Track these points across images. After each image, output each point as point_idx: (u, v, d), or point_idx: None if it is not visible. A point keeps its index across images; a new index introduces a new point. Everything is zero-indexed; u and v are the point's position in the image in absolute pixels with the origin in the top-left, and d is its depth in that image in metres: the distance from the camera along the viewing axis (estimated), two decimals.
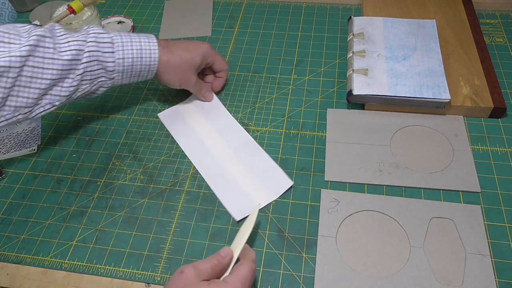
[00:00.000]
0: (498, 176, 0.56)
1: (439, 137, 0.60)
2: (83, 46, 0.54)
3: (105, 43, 0.55)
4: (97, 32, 0.55)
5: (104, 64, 0.55)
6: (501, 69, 0.68)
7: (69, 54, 0.53)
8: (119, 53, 0.56)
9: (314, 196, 0.56)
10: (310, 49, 0.75)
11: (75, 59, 0.53)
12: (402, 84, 0.62)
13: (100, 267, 0.51)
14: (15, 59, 0.49)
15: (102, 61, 0.55)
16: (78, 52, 0.53)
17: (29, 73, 0.50)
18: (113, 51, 0.55)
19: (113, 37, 0.56)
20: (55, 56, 0.52)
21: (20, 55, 0.49)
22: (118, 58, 0.56)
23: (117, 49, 0.56)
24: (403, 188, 0.55)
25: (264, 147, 0.61)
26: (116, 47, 0.56)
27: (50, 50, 0.52)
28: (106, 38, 0.55)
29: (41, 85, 0.52)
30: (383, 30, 0.70)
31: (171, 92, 0.70)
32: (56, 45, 0.53)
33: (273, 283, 0.49)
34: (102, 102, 0.70)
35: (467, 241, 0.50)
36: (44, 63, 0.51)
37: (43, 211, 0.57)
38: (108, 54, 0.55)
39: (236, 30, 0.80)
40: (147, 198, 0.57)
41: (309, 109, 0.66)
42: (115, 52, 0.56)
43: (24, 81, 0.51)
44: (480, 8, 0.78)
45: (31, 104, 0.52)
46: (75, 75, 0.54)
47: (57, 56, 0.52)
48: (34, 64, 0.51)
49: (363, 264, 0.49)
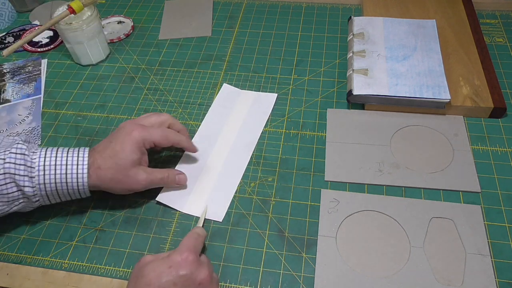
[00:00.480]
0: (498, 176, 0.56)
1: (439, 137, 0.60)
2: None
3: (25, 166, 0.49)
4: (19, 151, 0.49)
5: (23, 188, 0.49)
6: (501, 69, 0.68)
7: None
8: (40, 178, 0.49)
9: (314, 196, 0.56)
10: (310, 49, 0.75)
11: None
12: (402, 84, 0.62)
13: (100, 267, 0.51)
14: None
15: (21, 186, 0.49)
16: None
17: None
18: (32, 175, 0.49)
19: (35, 159, 0.50)
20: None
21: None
22: (38, 183, 0.49)
23: (37, 174, 0.49)
24: (403, 188, 0.55)
25: (264, 147, 0.61)
26: (37, 171, 0.49)
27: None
28: (28, 161, 0.49)
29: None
30: (383, 30, 0.70)
31: (171, 92, 0.70)
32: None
33: (273, 283, 0.49)
34: (102, 102, 0.70)
35: (467, 241, 0.50)
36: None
37: (43, 211, 0.57)
38: (27, 178, 0.49)
39: (236, 30, 0.80)
40: (147, 198, 0.57)
41: (309, 109, 0.66)
42: (35, 177, 0.49)
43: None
44: (480, 8, 0.78)
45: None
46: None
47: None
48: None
49: (363, 264, 0.49)
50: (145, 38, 0.80)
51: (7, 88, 0.73)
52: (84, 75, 0.75)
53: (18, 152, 0.49)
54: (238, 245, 0.52)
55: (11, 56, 0.79)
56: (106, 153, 0.51)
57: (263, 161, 0.60)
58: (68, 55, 0.77)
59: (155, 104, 0.69)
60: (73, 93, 0.72)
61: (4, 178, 0.48)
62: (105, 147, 0.52)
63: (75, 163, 0.50)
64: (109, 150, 0.51)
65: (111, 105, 0.69)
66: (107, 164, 0.51)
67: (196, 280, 0.43)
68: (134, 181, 0.52)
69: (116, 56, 0.78)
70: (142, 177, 0.52)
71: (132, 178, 0.52)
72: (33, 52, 0.80)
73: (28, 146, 0.51)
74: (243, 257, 0.51)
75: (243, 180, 0.58)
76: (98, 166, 0.51)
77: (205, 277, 0.43)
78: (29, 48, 0.80)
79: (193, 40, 0.79)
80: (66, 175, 0.50)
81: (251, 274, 0.50)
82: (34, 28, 0.84)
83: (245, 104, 0.67)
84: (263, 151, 0.61)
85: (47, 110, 0.69)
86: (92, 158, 0.51)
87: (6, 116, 0.69)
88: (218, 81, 0.71)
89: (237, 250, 0.52)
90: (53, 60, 0.78)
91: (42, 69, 0.76)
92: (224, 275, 0.50)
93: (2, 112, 0.70)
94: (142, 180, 0.52)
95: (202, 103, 0.68)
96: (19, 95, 0.72)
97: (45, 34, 0.83)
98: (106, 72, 0.75)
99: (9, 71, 0.76)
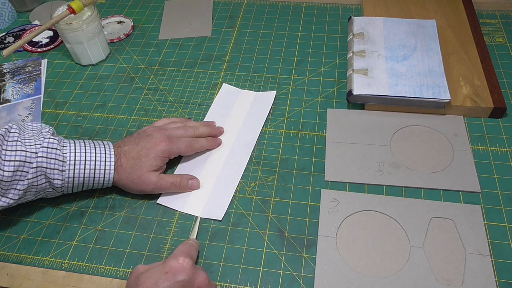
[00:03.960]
0: (498, 176, 0.56)
1: (439, 137, 0.60)
2: (31, 158, 0.50)
3: (57, 160, 0.51)
4: (51, 146, 0.51)
5: (52, 181, 0.51)
6: (501, 69, 0.68)
7: (12, 165, 0.49)
8: (70, 172, 0.52)
9: (314, 196, 0.56)
10: (310, 49, 0.75)
11: (19, 170, 0.49)
12: (402, 84, 0.62)
13: (100, 267, 0.51)
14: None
15: (51, 178, 0.51)
16: (24, 164, 0.49)
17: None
18: (63, 169, 0.51)
19: (66, 154, 0.52)
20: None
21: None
22: (68, 176, 0.52)
23: (68, 168, 0.52)
24: (403, 188, 0.55)
25: (264, 147, 0.61)
26: (68, 165, 0.52)
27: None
28: (59, 156, 0.51)
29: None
30: (383, 30, 0.70)
31: (171, 92, 0.70)
32: (2, 154, 0.49)
33: (273, 283, 0.49)
34: (102, 102, 0.70)
35: (467, 241, 0.50)
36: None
37: (43, 211, 0.57)
38: (57, 172, 0.51)
39: (236, 30, 0.80)
40: (147, 198, 0.57)
41: (309, 109, 0.66)
42: (65, 171, 0.52)
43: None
44: (480, 8, 0.78)
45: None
46: (17, 189, 0.50)
47: None
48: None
49: (363, 264, 0.49)
50: (145, 38, 0.80)
51: (7, 88, 0.73)
52: (84, 75, 0.75)
53: (50, 147, 0.51)
54: (238, 245, 0.52)
55: (11, 56, 0.79)
56: (130, 154, 0.54)
57: (263, 161, 0.60)
58: (68, 55, 0.77)
59: (155, 104, 0.69)
60: (73, 93, 0.72)
61: (36, 171, 0.50)
62: (131, 149, 0.55)
63: (103, 159, 0.53)
64: (134, 152, 0.54)
65: (111, 105, 0.69)
66: (129, 164, 0.54)
67: (194, 285, 0.43)
68: (145, 183, 0.54)
69: (116, 56, 0.78)
70: (152, 180, 0.54)
71: (143, 180, 0.54)
72: (33, 52, 0.80)
73: (58, 139, 0.53)
74: (243, 257, 0.51)
75: (243, 180, 0.58)
76: (121, 164, 0.54)
77: (203, 281, 0.43)
78: (29, 48, 0.80)
79: (193, 40, 0.79)
80: (94, 171, 0.53)
81: (251, 274, 0.50)
82: (34, 28, 0.84)
83: (245, 103, 0.67)
84: (263, 151, 0.61)
85: (47, 110, 0.69)
86: (117, 155, 0.54)
87: (6, 116, 0.69)
88: (218, 81, 0.71)
89: (237, 250, 0.52)
90: (53, 60, 0.78)
91: (42, 69, 0.76)
92: (224, 275, 0.50)
93: (2, 112, 0.70)
94: (151, 183, 0.54)
95: (202, 103, 0.68)
96: (19, 95, 0.72)
97: (45, 34, 0.83)
98: (106, 72, 0.75)
99: (9, 71, 0.76)
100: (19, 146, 0.50)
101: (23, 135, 0.51)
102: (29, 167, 0.50)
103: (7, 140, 0.50)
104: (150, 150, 0.54)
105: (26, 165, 0.50)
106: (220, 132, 0.63)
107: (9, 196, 0.50)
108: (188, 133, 0.59)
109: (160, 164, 0.55)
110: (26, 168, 0.50)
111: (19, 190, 0.50)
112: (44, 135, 0.52)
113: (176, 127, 0.59)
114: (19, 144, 0.50)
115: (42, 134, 0.52)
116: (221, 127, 0.63)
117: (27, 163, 0.50)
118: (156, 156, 0.54)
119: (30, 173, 0.50)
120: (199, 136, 0.60)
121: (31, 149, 0.50)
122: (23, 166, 0.49)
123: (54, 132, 0.54)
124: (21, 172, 0.50)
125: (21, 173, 0.50)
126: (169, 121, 0.61)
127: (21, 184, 0.50)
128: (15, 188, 0.50)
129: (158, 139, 0.55)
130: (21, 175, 0.50)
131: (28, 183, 0.50)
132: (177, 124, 0.60)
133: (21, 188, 0.50)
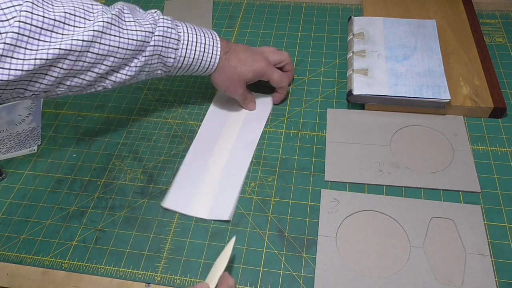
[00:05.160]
0: (498, 176, 0.56)
1: (439, 137, 0.60)
2: (149, 38, 0.53)
3: (172, 38, 0.54)
4: (166, 25, 0.54)
5: (165, 59, 0.55)
6: (501, 69, 0.68)
7: (134, 44, 0.51)
8: (182, 51, 0.56)
9: (314, 196, 0.56)
10: (310, 49, 0.75)
11: (139, 49, 0.52)
12: (402, 84, 0.62)
13: (100, 267, 0.51)
14: (76, 42, 0.47)
15: (164, 56, 0.55)
16: (142, 44, 0.52)
17: (90, 59, 0.49)
18: (177, 48, 0.55)
19: (181, 33, 0.55)
20: (119, 45, 0.50)
21: (82, 39, 0.47)
22: (180, 55, 0.56)
23: (181, 47, 0.55)
24: (403, 188, 0.55)
25: (264, 147, 0.61)
26: (181, 45, 0.55)
27: (115, 38, 0.50)
28: (174, 34, 0.54)
29: (100, 70, 0.51)
30: (383, 30, 0.70)
31: (171, 92, 0.70)
32: (122, 33, 0.51)
33: (273, 283, 0.49)
34: (102, 102, 0.70)
35: (467, 241, 0.50)
36: (107, 50, 0.50)
37: (43, 211, 0.57)
38: (171, 50, 0.55)
39: (236, 30, 0.80)
40: (147, 198, 0.57)
41: (309, 109, 0.66)
42: (178, 50, 0.55)
43: (84, 66, 0.49)
44: (480, 8, 0.78)
45: (85, 85, 0.52)
46: (134, 64, 0.53)
47: (122, 45, 0.51)
48: (96, 51, 0.49)
49: (363, 264, 0.49)
50: None
51: None
52: None
53: (165, 26, 0.54)
54: (238, 245, 0.52)
55: None
56: (239, 55, 0.59)
57: (263, 161, 0.60)
58: None
59: (155, 104, 0.69)
60: None
61: (153, 49, 0.53)
62: (241, 50, 0.60)
63: (212, 44, 0.57)
64: (242, 55, 0.59)
65: (111, 105, 0.69)
66: (233, 63, 0.59)
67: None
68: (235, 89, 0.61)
69: None
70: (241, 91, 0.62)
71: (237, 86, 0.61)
72: None
73: (171, 19, 0.55)
74: (243, 257, 0.51)
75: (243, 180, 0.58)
76: (228, 58, 0.58)
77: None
78: None
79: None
80: (203, 53, 0.56)
81: (251, 274, 0.50)
82: None
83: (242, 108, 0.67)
84: (263, 151, 0.61)
85: (47, 110, 0.70)
86: (226, 48, 0.59)
87: (6, 116, 0.69)
88: None
89: (237, 250, 0.52)
90: None
91: None
92: None
93: (2, 112, 0.70)
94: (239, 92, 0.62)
95: (202, 103, 0.68)
96: None
97: None
98: None
99: None
100: (137, 26, 0.52)
101: (135, 15, 0.54)
102: (147, 45, 0.53)
103: (123, 20, 0.52)
104: (254, 63, 0.60)
105: (144, 44, 0.52)
106: (283, 96, 0.67)
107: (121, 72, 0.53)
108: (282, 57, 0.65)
109: (253, 79, 0.61)
110: (144, 47, 0.52)
111: (134, 67, 0.53)
112: (157, 15, 0.55)
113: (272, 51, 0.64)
114: (137, 24, 0.52)
115: (153, 15, 0.55)
116: (285, 94, 0.67)
117: (145, 42, 0.52)
118: (253, 71, 0.59)
119: (147, 51, 0.53)
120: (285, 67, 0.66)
121: (148, 28, 0.52)
122: (141, 45, 0.52)
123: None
124: (139, 51, 0.52)
125: (139, 52, 0.52)
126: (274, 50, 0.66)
127: (137, 62, 0.53)
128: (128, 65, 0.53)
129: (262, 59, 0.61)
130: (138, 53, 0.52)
131: (144, 60, 0.53)
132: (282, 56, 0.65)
133: (136, 64, 0.53)
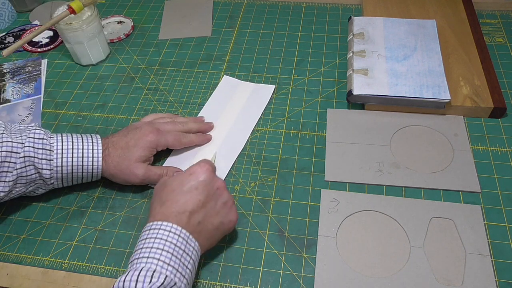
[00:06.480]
0: (498, 176, 0.56)
1: (439, 137, 0.60)
2: (19, 149, 0.50)
3: (43, 149, 0.52)
4: (37, 136, 0.52)
5: (41, 171, 0.52)
6: (501, 69, 0.68)
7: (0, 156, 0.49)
8: (57, 161, 0.52)
9: (314, 196, 0.56)
10: (310, 49, 0.75)
11: (6, 161, 0.50)
12: (402, 84, 0.62)
13: (100, 267, 0.51)
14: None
15: (39, 168, 0.52)
16: (10, 155, 0.50)
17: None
18: (50, 158, 0.52)
19: (53, 143, 0.52)
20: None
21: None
22: (56, 165, 0.52)
23: (55, 157, 0.52)
24: (403, 188, 0.55)
25: (264, 147, 0.61)
26: (55, 154, 0.52)
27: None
28: (46, 145, 0.52)
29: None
30: (383, 30, 0.70)
31: (171, 92, 0.70)
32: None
33: (273, 283, 0.49)
34: (102, 102, 0.70)
35: (467, 241, 0.50)
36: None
37: (43, 211, 0.57)
38: (45, 161, 0.52)
39: (236, 30, 0.80)
40: (147, 198, 0.57)
41: (309, 109, 0.66)
42: (53, 160, 0.52)
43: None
44: (480, 8, 0.78)
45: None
46: (6, 181, 0.50)
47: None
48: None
49: (363, 264, 0.49)
50: (145, 38, 0.80)
51: (7, 88, 0.73)
52: (84, 75, 0.75)
53: (36, 137, 0.52)
54: (238, 245, 0.52)
55: (11, 56, 0.79)
56: (119, 144, 0.55)
57: (263, 161, 0.60)
58: (68, 55, 0.77)
59: (155, 104, 0.69)
60: (73, 93, 0.72)
61: (24, 161, 0.51)
62: (119, 139, 0.55)
63: (90, 147, 0.54)
64: (122, 142, 0.55)
65: (111, 105, 0.69)
66: (116, 153, 0.54)
67: (214, 185, 0.48)
68: (133, 174, 0.55)
69: (116, 56, 0.78)
70: (140, 171, 0.55)
71: (132, 171, 0.55)
72: (33, 52, 0.80)
73: (45, 131, 0.53)
74: (243, 257, 0.51)
75: (243, 180, 0.58)
76: (109, 153, 0.54)
77: (221, 184, 0.49)
78: (29, 48, 0.80)
79: (193, 40, 0.79)
80: (82, 158, 0.53)
81: (251, 274, 0.50)
82: (34, 28, 0.84)
83: (244, 93, 0.68)
84: (263, 151, 0.61)
85: (47, 110, 0.69)
86: (105, 145, 0.55)
87: (6, 116, 0.69)
88: (218, 81, 0.71)
89: (237, 250, 0.52)
90: (53, 60, 0.78)
91: (42, 69, 0.76)
92: (224, 275, 0.50)
93: (2, 112, 0.70)
94: (139, 175, 0.55)
95: (202, 103, 0.68)
96: (19, 95, 0.72)
97: (45, 34, 0.83)
98: (106, 72, 0.75)
99: (9, 71, 0.76)
100: (4, 137, 0.50)
101: (9, 130, 0.52)
102: (16, 157, 0.50)
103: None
104: (139, 141, 0.55)
105: (13, 155, 0.50)
106: (209, 127, 0.63)
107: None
108: (176, 127, 0.60)
109: (148, 155, 0.56)
110: (14, 158, 0.50)
111: (8, 182, 0.51)
112: (29, 129, 0.53)
113: (164, 122, 0.60)
114: (5, 136, 0.51)
115: (28, 128, 0.53)
116: (210, 123, 0.64)
117: (14, 153, 0.50)
118: (144, 146, 0.55)
119: (18, 163, 0.50)
120: (188, 131, 0.61)
121: (17, 139, 0.51)
122: (10, 156, 0.50)
123: (40, 126, 0.54)
124: (9, 163, 0.50)
125: (9, 164, 0.50)
126: (157, 116, 0.62)
127: (10, 176, 0.51)
128: (4, 181, 0.51)
129: (146, 131, 0.56)
130: (8, 166, 0.50)
131: (17, 173, 0.51)
132: (165, 119, 0.61)
133: (10, 179, 0.51)
